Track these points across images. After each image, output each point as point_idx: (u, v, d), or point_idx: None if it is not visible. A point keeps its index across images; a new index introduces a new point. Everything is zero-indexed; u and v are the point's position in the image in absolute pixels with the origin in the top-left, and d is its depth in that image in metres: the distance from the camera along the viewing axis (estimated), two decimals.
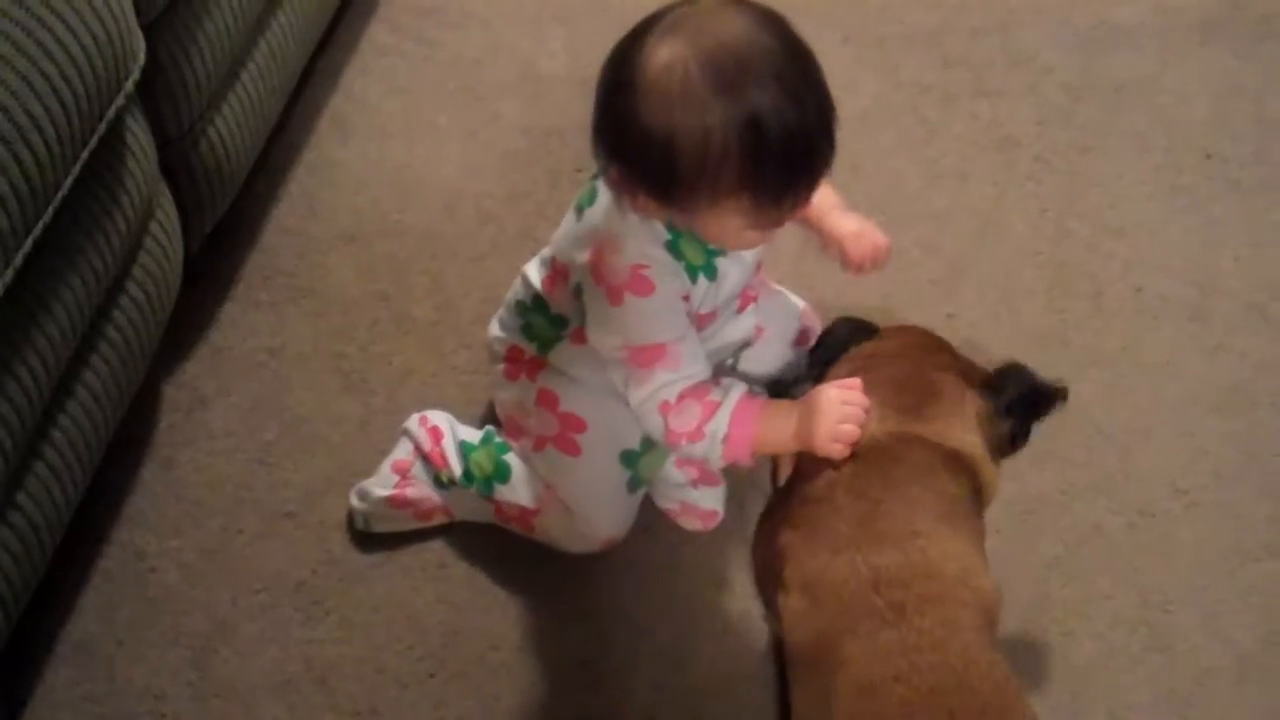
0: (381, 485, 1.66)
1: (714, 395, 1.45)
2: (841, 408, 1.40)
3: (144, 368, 1.63)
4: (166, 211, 1.65)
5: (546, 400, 1.60)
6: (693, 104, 1.27)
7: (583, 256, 1.46)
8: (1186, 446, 1.77)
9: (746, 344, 1.63)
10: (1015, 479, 1.71)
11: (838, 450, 1.39)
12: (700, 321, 1.50)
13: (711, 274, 1.47)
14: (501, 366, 1.64)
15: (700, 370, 1.46)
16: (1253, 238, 1.94)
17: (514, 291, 1.63)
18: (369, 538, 1.67)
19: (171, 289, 1.67)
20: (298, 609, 1.63)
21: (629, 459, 1.61)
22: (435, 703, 1.58)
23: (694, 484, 1.66)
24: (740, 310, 1.58)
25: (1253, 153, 2.02)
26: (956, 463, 1.44)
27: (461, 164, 2.01)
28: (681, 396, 1.44)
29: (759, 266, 1.57)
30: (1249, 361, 1.83)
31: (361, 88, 2.09)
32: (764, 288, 1.66)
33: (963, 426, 1.47)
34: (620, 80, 1.31)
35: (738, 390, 1.46)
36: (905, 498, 1.39)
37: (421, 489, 1.66)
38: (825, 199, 1.53)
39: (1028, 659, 1.50)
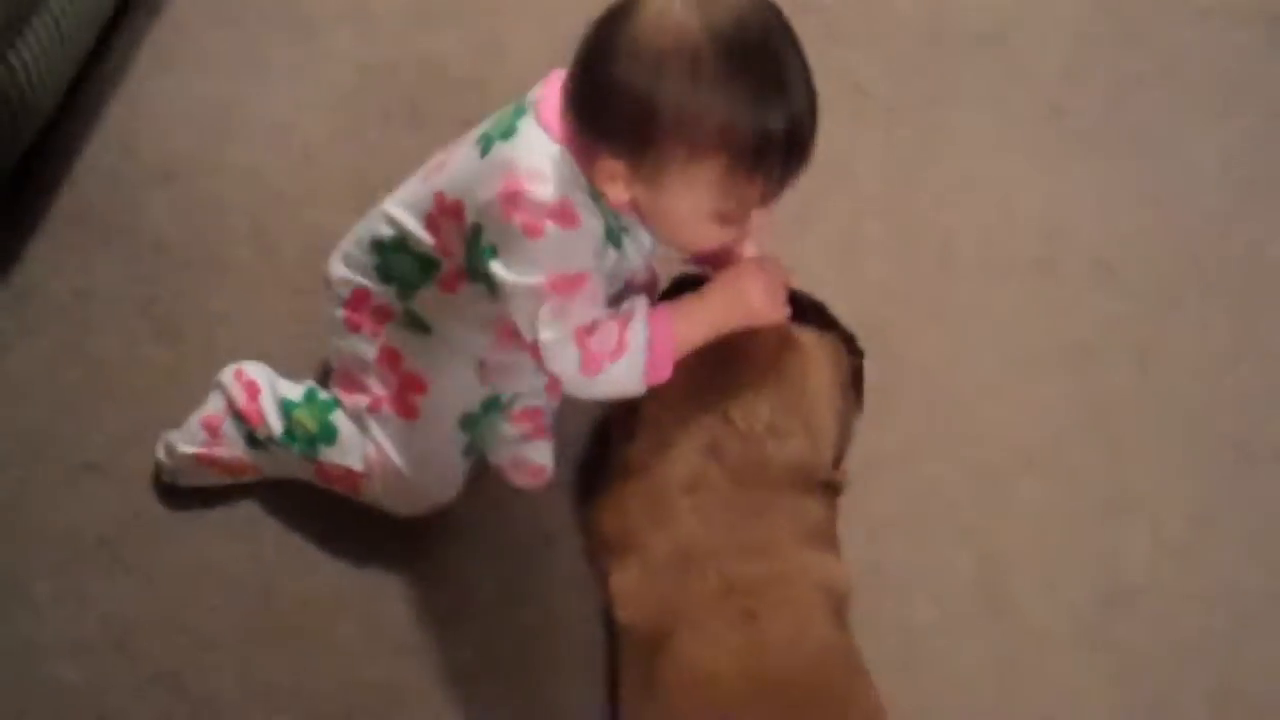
0: (188, 441, 1.57)
1: (624, 308, 1.42)
2: (768, 276, 1.45)
3: None
4: None
5: (388, 358, 1.52)
6: (684, 57, 1.28)
7: (488, 192, 1.37)
8: (1030, 406, 1.73)
9: None
10: (855, 438, 1.66)
11: (784, 313, 1.44)
12: None
13: (617, 242, 1.42)
14: (342, 313, 1.54)
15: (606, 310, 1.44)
16: (1102, 195, 1.91)
17: (368, 228, 1.53)
18: (176, 492, 1.58)
19: None
20: (97, 566, 1.54)
21: (468, 422, 1.54)
22: (242, 667, 1.50)
23: (526, 438, 1.59)
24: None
25: (1104, 109, 1.98)
26: (815, 482, 1.44)
27: (290, 100, 1.90)
28: (595, 321, 1.39)
29: (652, 273, 1.55)
30: (1095, 319, 1.80)
31: (186, 17, 1.97)
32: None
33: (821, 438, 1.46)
34: (615, 26, 1.32)
35: (642, 299, 1.43)
36: (770, 519, 1.39)
37: (232, 449, 1.57)
38: None
39: (864, 623, 1.45)
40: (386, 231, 1.50)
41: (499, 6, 2.00)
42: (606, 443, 1.58)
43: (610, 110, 1.32)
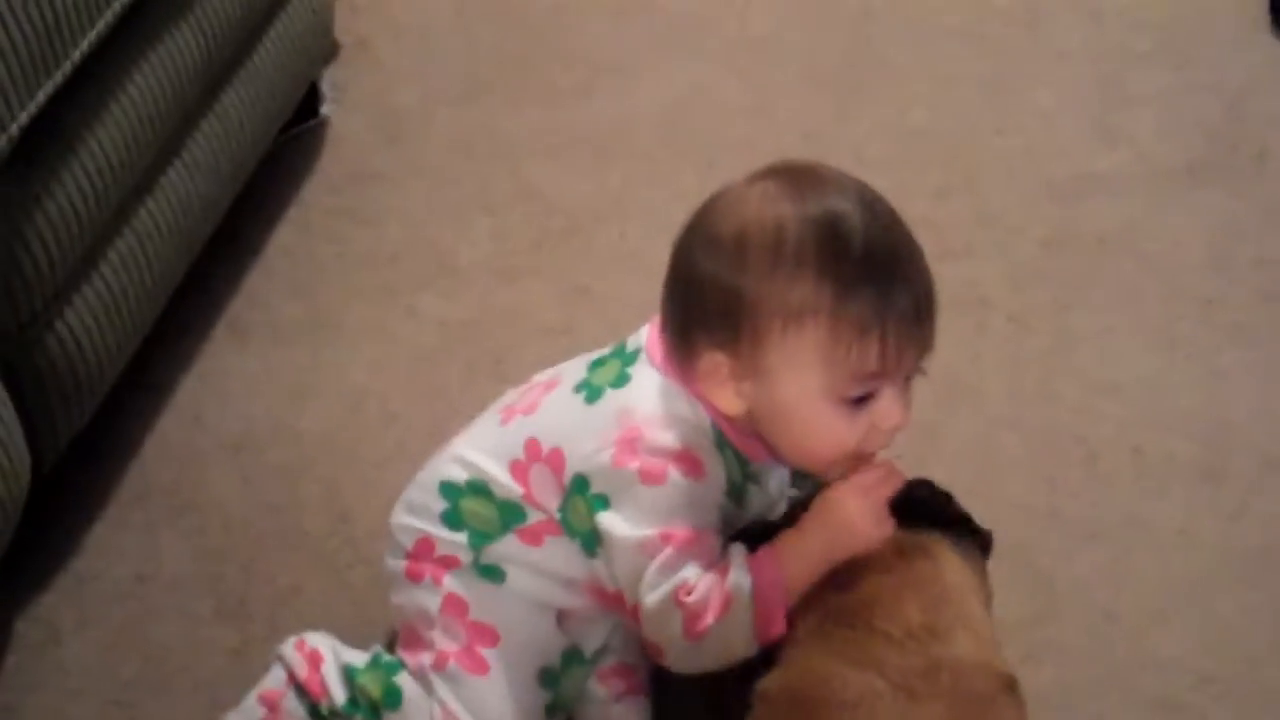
0: None
1: (720, 562, 1.26)
2: (865, 493, 1.25)
3: None
4: (4, 420, 1.44)
5: (454, 607, 1.36)
6: (766, 229, 1.21)
7: (600, 439, 1.28)
8: (1209, 626, 1.51)
9: None
10: None
11: (889, 529, 1.25)
12: None
13: (739, 496, 1.30)
14: (403, 564, 1.40)
15: None
16: (1265, 386, 1.72)
17: (434, 473, 1.41)
18: None
19: (12, 511, 1.45)
20: None
21: (548, 678, 1.36)
22: None
23: (617, 698, 1.41)
24: None
25: (1257, 295, 1.81)
26: (997, 680, 1.22)
27: (369, 363, 1.80)
28: (697, 579, 1.25)
29: None
30: (1274, 523, 1.59)
31: (264, 291, 1.90)
32: None
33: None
34: (695, 222, 1.27)
35: (739, 545, 1.28)
36: None
37: None
38: None
39: None
40: (459, 474, 1.37)
41: (583, 253, 1.92)
42: (736, 679, 1.37)
43: (698, 297, 1.24)
